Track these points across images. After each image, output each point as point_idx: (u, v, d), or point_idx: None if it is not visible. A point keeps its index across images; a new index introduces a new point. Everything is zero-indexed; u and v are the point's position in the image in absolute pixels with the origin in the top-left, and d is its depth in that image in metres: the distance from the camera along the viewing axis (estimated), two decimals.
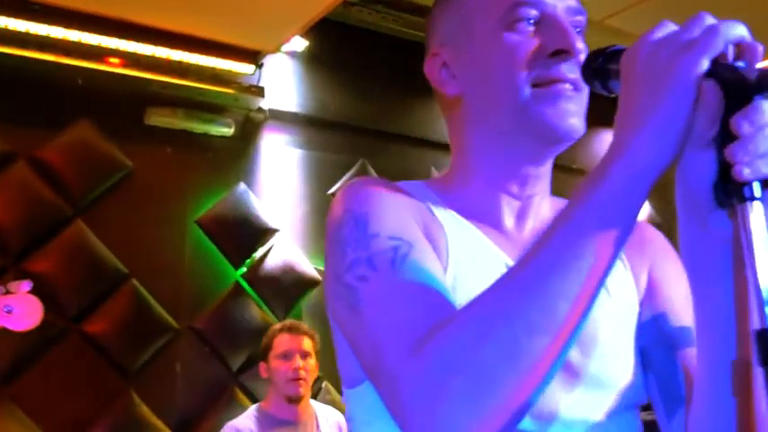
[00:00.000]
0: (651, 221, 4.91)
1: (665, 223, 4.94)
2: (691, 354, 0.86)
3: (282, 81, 3.86)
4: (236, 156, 3.71)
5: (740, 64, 0.67)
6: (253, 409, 2.86)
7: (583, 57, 0.83)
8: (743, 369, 0.68)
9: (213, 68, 3.49)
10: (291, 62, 3.90)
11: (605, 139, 5.05)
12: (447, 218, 0.87)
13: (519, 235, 0.90)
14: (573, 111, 0.84)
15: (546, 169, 0.91)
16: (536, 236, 0.87)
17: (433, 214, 0.86)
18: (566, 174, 4.58)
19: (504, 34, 0.85)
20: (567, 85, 0.83)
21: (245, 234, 3.61)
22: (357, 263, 0.75)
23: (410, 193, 0.87)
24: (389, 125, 4.08)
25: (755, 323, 0.65)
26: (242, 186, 3.65)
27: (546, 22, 0.84)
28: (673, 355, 0.88)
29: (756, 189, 0.66)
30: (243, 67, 3.53)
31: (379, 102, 4.05)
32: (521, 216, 0.91)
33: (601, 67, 0.79)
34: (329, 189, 3.86)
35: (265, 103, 3.74)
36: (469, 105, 0.90)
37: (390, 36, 4.00)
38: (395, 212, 0.80)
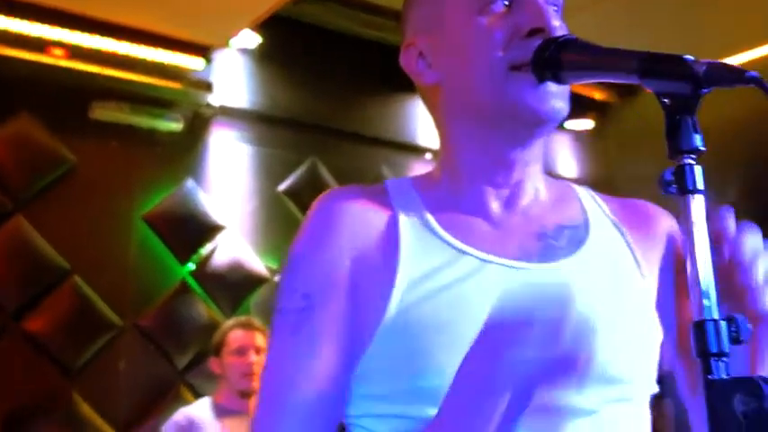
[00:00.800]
0: None
1: None
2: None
3: (233, 77, 3.81)
4: (185, 151, 3.66)
5: None
6: (205, 399, 2.83)
7: (560, 34, 0.81)
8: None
9: (161, 63, 3.43)
10: (243, 58, 3.85)
11: (554, 137, 5.13)
12: (415, 228, 0.85)
13: (508, 221, 0.87)
14: (554, 92, 0.81)
15: (534, 153, 0.88)
16: (526, 217, 0.87)
17: (395, 227, 0.84)
18: None
19: (478, 17, 0.83)
20: None
21: (193, 230, 3.56)
22: (278, 312, 0.85)
23: (375, 205, 0.86)
24: (342, 123, 4.06)
25: (694, 315, 0.67)
26: (190, 182, 3.60)
27: (519, 2, 0.82)
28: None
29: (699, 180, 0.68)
30: (192, 62, 3.48)
31: (331, 99, 4.04)
32: (510, 203, 0.87)
33: (552, 57, 0.79)
34: (278, 186, 3.83)
35: (215, 99, 3.69)
36: (448, 94, 0.87)
37: (344, 34, 3.99)
38: (321, 261, 0.84)
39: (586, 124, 4.97)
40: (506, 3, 0.83)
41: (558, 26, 0.81)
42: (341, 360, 0.81)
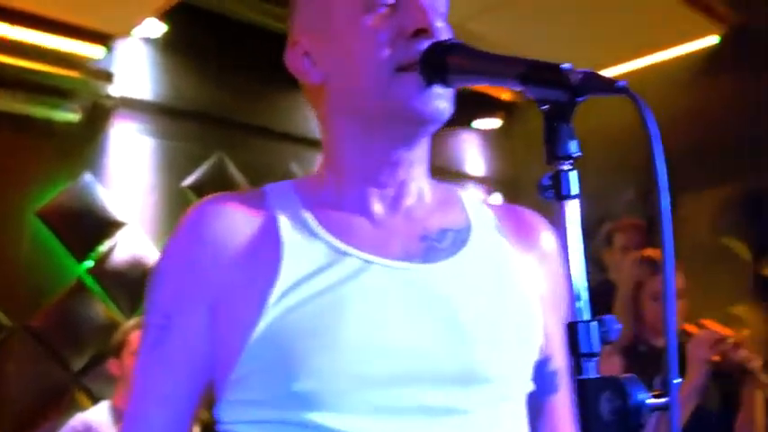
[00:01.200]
0: None
1: None
2: (556, 399, 0.90)
3: (136, 67, 3.68)
4: (83, 144, 3.50)
5: None
6: (104, 404, 2.73)
7: (444, 35, 0.83)
8: None
9: (59, 50, 3.27)
10: (146, 48, 3.72)
11: (461, 136, 5.24)
12: (295, 231, 0.84)
13: (391, 222, 0.87)
14: (439, 93, 0.82)
15: (419, 153, 0.89)
16: (409, 219, 0.87)
17: (274, 230, 0.84)
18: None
19: (362, 17, 0.83)
20: None
21: (91, 226, 3.41)
22: (145, 321, 0.89)
23: (252, 213, 0.86)
24: (250, 117, 3.99)
25: (567, 316, 0.69)
26: (88, 176, 3.45)
27: (404, 2, 0.83)
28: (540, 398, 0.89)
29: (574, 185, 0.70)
30: (91, 50, 3.33)
31: (240, 93, 3.96)
32: (393, 204, 0.88)
33: (439, 60, 0.80)
34: (183, 181, 3.73)
35: (116, 90, 3.55)
36: (333, 93, 0.88)
37: (254, 26, 3.92)
38: (185, 280, 0.85)
39: (494, 123, 5.08)
40: (391, 3, 0.83)
41: (441, 27, 0.82)
42: (191, 381, 0.86)
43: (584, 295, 0.69)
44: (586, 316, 0.68)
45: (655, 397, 0.63)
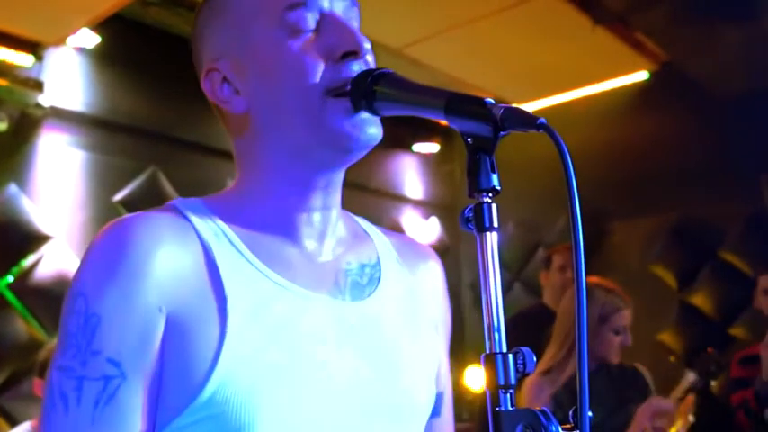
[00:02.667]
0: (441, 244, 5.19)
1: (452, 244, 5.23)
2: (439, 422, 0.94)
3: (68, 77, 3.58)
4: (9, 154, 3.38)
5: None
6: (24, 425, 2.61)
7: (370, 56, 0.83)
8: None
9: None
10: (80, 58, 3.63)
11: (401, 160, 5.27)
12: (233, 264, 0.79)
13: (319, 255, 0.87)
14: (369, 118, 0.82)
15: (341, 177, 0.89)
16: (334, 253, 0.88)
17: (212, 265, 0.78)
18: (362, 193, 4.71)
19: (287, 42, 0.81)
20: None
21: (13, 240, 3.28)
22: (69, 373, 0.73)
23: (183, 237, 0.79)
24: (185, 132, 3.93)
25: (486, 347, 0.70)
26: (12, 187, 3.32)
27: (327, 24, 0.82)
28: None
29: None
30: (20, 58, 3.23)
31: (175, 107, 3.89)
32: (321, 235, 0.87)
33: (367, 88, 0.80)
34: (115, 196, 3.63)
35: (46, 100, 3.44)
36: (259, 122, 0.85)
37: (190, 40, 3.86)
38: (132, 318, 0.74)
39: (432, 147, 5.14)
40: (313, 25, 0.82)
41: (369, 48, 0.82)
42: None
43: (502, 326, 0.70)
44: (504, 348, 0.69)
45: (567, 430, 0.64)
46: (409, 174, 5.15)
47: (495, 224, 0.72)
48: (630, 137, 4.34)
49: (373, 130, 0.83)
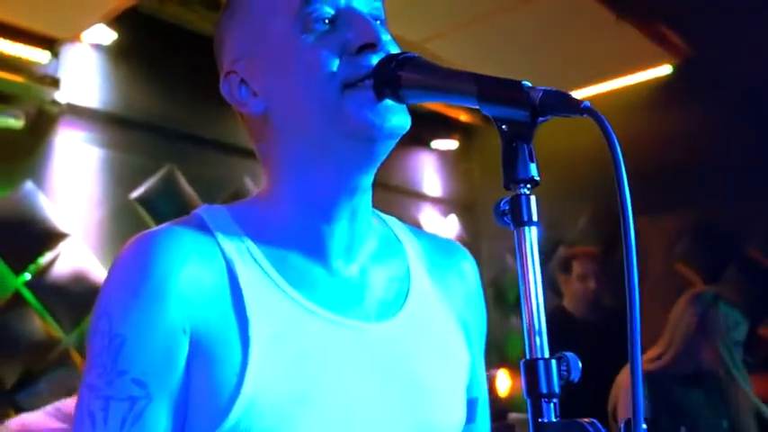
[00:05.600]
0: (459, 241, 5.12)
1: (471, 242, 5.17)
2: (474, 428, 0.92)
3: (84, 74, 3.55)
4: (25, 151, 3.36)
5: None
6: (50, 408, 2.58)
7: (392, 48, 0.79)
8: None
9: (1, 53, 3.14)
10: (96, 54, 3.60)
11: (420, 157, 5.22)
12: (256, 284, 0.78)
13: (348, 271, 0.84)
14: (393, 106, 0.78)
15: (371, 179, 0.85)
16: (361, 268, 0.85)
17: (235, 285, 0.77)
18: (381, 191, 4.66)
19: (302, 37, 0.78)
20: None
21: (31, 237, 3.26)
22: (97, 392, 0.73)
23: (207, 255, 0.77)
24: (202, 130, 3.89)
25: (526, 353, 0.64)
26: (29, 185, 3.30)
27: (344, 17, 0.79)
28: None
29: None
30: (37, 54, 3.21)
31: (192, 104, 3.86)
32: (348, 248, 0.84)
33: (392, 74, 0.75)
34: (131, 193, 3.61)
35: (62, 96, 3.42)
36: (279, 122, 0.82)
37: (207, 37, 3.82)
38: (157, 338, 0.74)
39: (451, 144, 5.07)
40: (329, 19, 0.79)
41: (388, 40, 0.78)
42: None
43: (543, 329, 0.64)
44: (546, 353, 0.63)
45: None
46: (428, 171, 5.09)
47: (535, 218, 0.66)
48: (654, 132, 4.26)
49: (399, 118, 0.78)
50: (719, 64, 4.01)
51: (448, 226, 5.08)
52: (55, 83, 3.34)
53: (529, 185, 0.67)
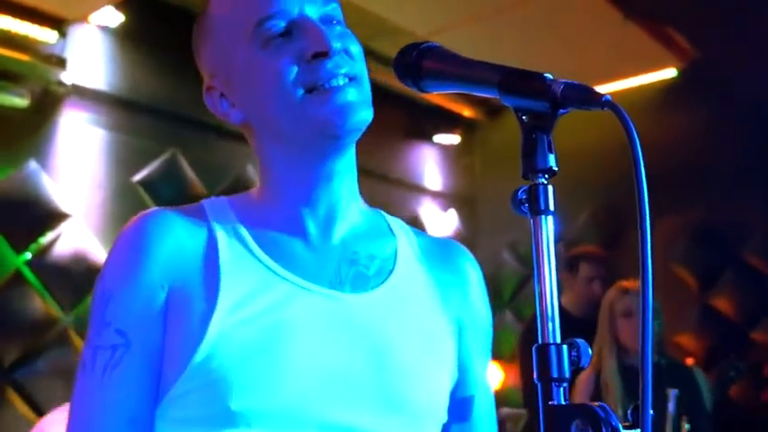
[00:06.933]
0: (458, 236, 5.14)
1: (470, 237, 5.19)
2: (469, 427, 0.94)
3: (91, 55, 3.55)
4: (30, 130, 3.36)
5: None
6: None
7: (354, 48, 0.87)
8: None
9: (8, 31, 3.14)
10: (103, 36, 3.61)
11: (421, 150, 5.23)
12: (232, 250, 0.86)
13: (325, 245, 0.89)
14: (352, 103, 0.84)
15: (347, 164, 0.90)
16: (342, 242, 0.90)
17: (214, 251, 0.85)
18: (381, 183, 4.67)
19: (261, 54, 0.86)
20: (340, 80, 0.84)
21: (33, 217, 3.27)
22: (89, 342, 0.84)
23: (193, 229, 0.86)
24: (206, 115, 3.77)
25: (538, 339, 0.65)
26: (33, 164, 3.31)
27: (297, 27, 0.85)
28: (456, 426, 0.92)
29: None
30: (44, 34, 3.21)
31: (197, 89, 3.72)
32: (327, 223, 0.90)
33: (414, 63, 0.76)
34: (134, 176, 3.61)
35: (68, 77, 3.42)
36: (256, 128, 0.91)
37: None
38: (137, 294, 0.83)
39: (453, 139, 5.08)
40: (283, 32, 0.86)
41: (338, 47, 0.85)
42: (152, 401, 0.82)
43: (556, 316, 0.66)
44: (558, 339, 0.65)
45: (626, 428, 0.60)
46: (429, 165, 5.10)
47: (552, 207, 0.68)
48: (655, 135, 4.26)
49: (360, 114, 0.85)
50: (723, 68, 4.02)
51: (447, 220, 5.09)
52: (61, 63, 3.34)
53: (547, 175, 0.68)
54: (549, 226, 0.68)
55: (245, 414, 0.78)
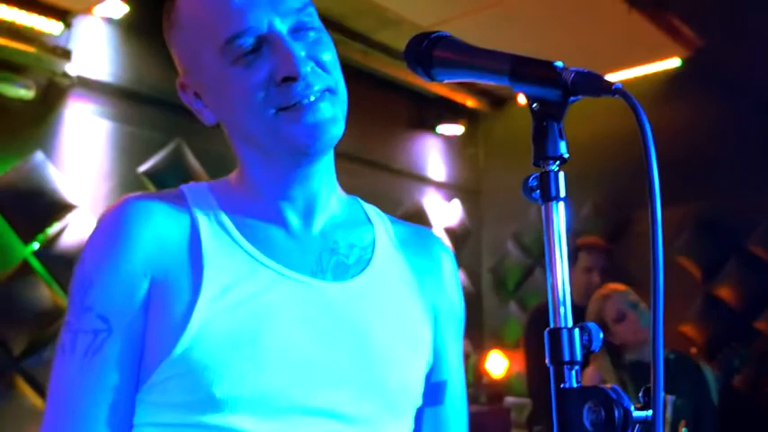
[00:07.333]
0: (462, 227, 5.15)
1: (474, 228, 5.20)
2: (441, 410, 0.96)
3: (95, 47, 3.56)
4: (36, 122, 3.37)
5: None
6: None
7: (325, 57, 0.85)
8: None
9: (13, 23, 3.14)
10: (107, 28, 3.61)
11: (425, 141, 5.22)
12: (215, 237, 0.86)
13: (305, 234, 0.91)
14: (324, 121, 0.84)
15: (323, 164, 0.91)
16: (322, 232, 0.92)
17: (197, 238, 0.85)
18: (385, 173, 4.68)
19: (230, 70, 0.84)
20: (312, 96, 0.83)
21: (40, 207, 3.29)
22: (69, 326, 0.83)
23: (175, 215, 0.86)
24: None
25: (550, 322, 0.67)
26: (39, 156, 3.32)
27: (267, 44, 0.84)
28: (429, 409, 0.95)
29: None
30: (49, 25, 3.21)
31: None
32: (307, 214, 0.91)
33: (424, 53, 0.77)
34: (140, 167, 3.63)
35: (73, 69, 3.43)
36: (231, 132, 0.91)
37: None
38: (119, 280, 0.83)
39: (457, 130, 5.09)
40: (254, 48, 0.83)
41: (308, 70, 0.84)
42: (132, 387, 0.83)
43: (568, 300, 0.67)
44: (570, 323, 0.66)
45: (638, 409, 0.61)
46: (433, 155, 5.11)
47: (563, 194, 0.69)
48: (659, 125, 4.21)
49: (330, 131, 0.85)
50: (726, 58, 4.01)
51: (451, 211, 5.10)
52: (66, 54, 3.35)
53: (558, 162, 0.69)
54: (560, 212, 0.69)
55: (228, 400, 0.79)
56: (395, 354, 0.88)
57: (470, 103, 4.99)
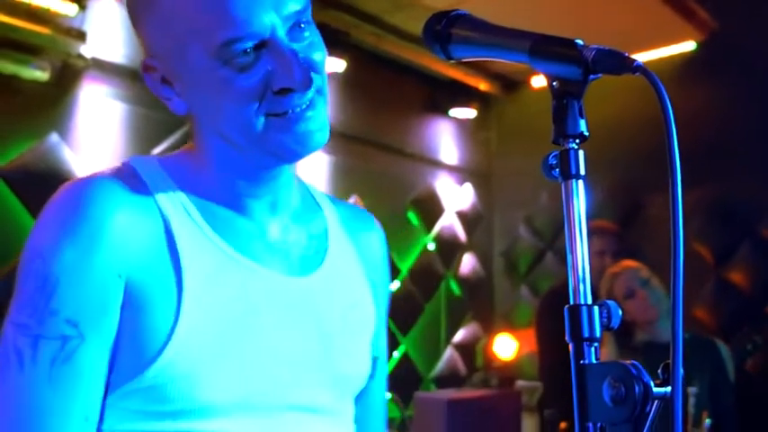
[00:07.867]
0: (474, 211, 5.14)
1: (485, 211, 5.19)
2: (372, 385, 0.99)
3: (110, 28, 3.56)
4: (50, 103, 3.39)
5: None
6: None
7: (316, 56, 0.83)
8: None
9: (29, 4, 3.15)
10: (121, 10, 3.61)
11: (437, 124, 5.20)
12: (188, 234, 0.82)
13: (271, 226, 0.90)
14: (311, 130, 0.82)
15: (294, 164, 0.92)
16: (285, 226, 0.91)
17: (169, 234, 0.81)
18: (397, 157, 4.68)
19: (222, 71, 0.79)
20: (303, 105, 0.82)
21: (54, 188, 3.27)
22: (26, 331, 0.74)
23: (142, 207, 0.81)
24: None
25: (569, 299, 0.67)
26: (54, 137, 3.34)
27: (268, 52, 0.79)
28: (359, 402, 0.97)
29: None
30: (64, 6, 3.22)
31: None
32: (272, 210, 0.91)
33: (442, 31, 0.77)
34: (153, 149, 3.64)
35: (88, 50, 3.44)
36: (202, 124, 0.87)
37: None
38: (91, 281, 0.76)
39: (469, 113, 5.07)
40: (251, 50, 0.79)
41: (308, 82, 0.80)
42: (102, 396, 0.77)
43: (587, 278, 0.68)
44: (589, 300, 0.67)
45: (658, 385, 0.62)
46: (445, 139, 5.10)
47: (582, 171, 0.69)
48: (673, 108, 4.24)
49: (317, 138, 0.83)
50: (741, 42, 3.97)
51: (463, 194, 5.10)
52: (81, 36, 3.35)
53: (578, 140, 0.70)
54: (580, 190, 0.69)
55: (215, 406, 0.77)
56: (353, 344, 0.92)
57: (483, 86, 4.96)
